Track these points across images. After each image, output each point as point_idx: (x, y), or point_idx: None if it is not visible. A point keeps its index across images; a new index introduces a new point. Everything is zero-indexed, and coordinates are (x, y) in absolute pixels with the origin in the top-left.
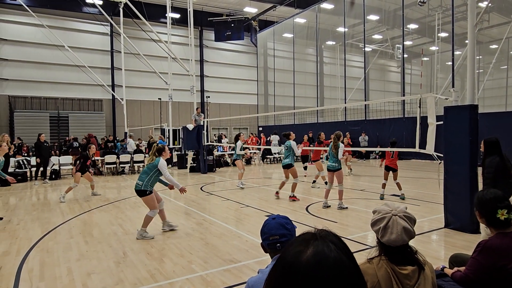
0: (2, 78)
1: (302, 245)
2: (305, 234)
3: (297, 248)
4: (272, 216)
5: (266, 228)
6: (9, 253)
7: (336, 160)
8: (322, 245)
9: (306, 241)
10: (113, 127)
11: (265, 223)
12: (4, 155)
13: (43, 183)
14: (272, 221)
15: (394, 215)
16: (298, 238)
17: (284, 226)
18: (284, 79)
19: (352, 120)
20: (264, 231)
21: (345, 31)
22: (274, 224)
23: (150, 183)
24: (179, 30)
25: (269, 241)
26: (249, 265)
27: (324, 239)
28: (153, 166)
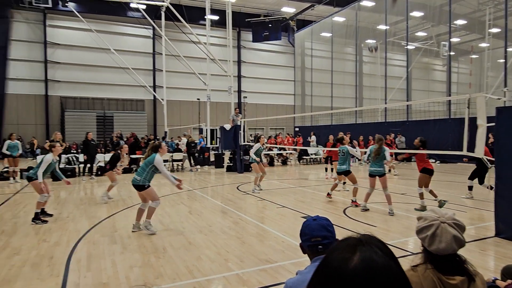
0: (55, 80)
1: (348, 251)
2: (349, 239)
3: (342, 254)
4: (313, 217)
5: (307, 229)
6: (59, 244)
7: (381, 165)
8: (369, 251)
9: (351, 247)
10: (154, 127)
11: (306, 224)
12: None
13: (90, 179)
14: (313, 222)
15: (442, 222)
16: (341, 243)
17: (326, 228)
18: (321, 79)
19: (392, 121)
20: (305, 232)
21: (386, 29)
22: (315, 225)
23: (147, 178)
24: (217, 31)
25: (310, 243)
26: (285, 266)
27: (370, 244)
28: (149, 162)
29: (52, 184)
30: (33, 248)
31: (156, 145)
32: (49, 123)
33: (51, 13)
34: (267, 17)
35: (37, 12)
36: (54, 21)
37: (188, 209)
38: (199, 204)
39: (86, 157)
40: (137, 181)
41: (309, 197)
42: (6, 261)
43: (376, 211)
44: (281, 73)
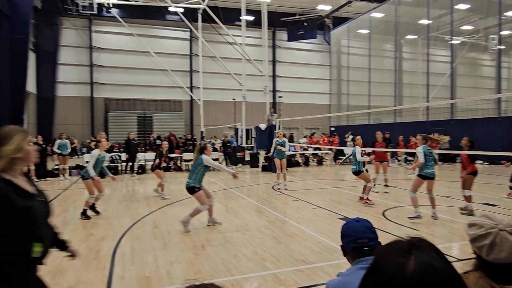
0: (100, 82)
1: (402, 256)
2: (398, 243)
3: (397, 259)
4: (355, 219)
5: (350, 230)
6: (105, 238)
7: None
8: (425, 255)
9: (404, 251)
10: (191, 127)
11: (348, 226)
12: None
13: (132, 177)
14: (356, 223)
15: (501, 230)
16: (391, 248)
17: (370, 229)
18: (358, 77)
19: (435, 120)
20: (348, 234)
21: (428, 24)
22: (359, 227)
23: (198, 179)
24: (252, 32)
25: (356, 244)
26: (322, 267)
27: (424, 248)
28: (197, 163)
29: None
30: (81, 241)
31: (202, 147)
32: (94, 123)
33: (96, 19)
34: (302, 16)
35: (84, 18)
36: (99, 26)
37: (224, 208)
38: (235, 202)
39: (128, 156)
40: (189, 183)
41: (346, 198)
42: (58, 252)
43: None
44: (317, 72)
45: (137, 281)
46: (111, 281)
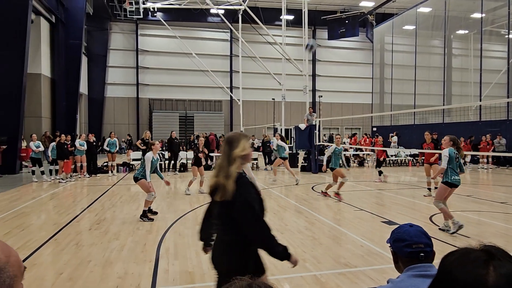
0: (145, 83)
1: (480, 266)
2: (472, 251)
3: (476, 270)
4: (408, 224)
5: (406, 235)
6: (150, 232)
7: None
8: (509, 265)
9: (482, 261)
10: (230, 126)
11: (403, 230)
12: (145, 149)
13: (174, 175)
14: (410, 228)
15: None
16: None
17: (426, 235)
18: (403, 76)
19: (488, 120)
20: (403, 238)
21: (482, 17)
22: (415, 231)
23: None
24: (292, 31)
25: (411, 249)
26: (365, 272)
27: (503, 257)
28: None
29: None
30: (129, 235)
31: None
32: (139, 122)
33: (142, 23)
34: (344, 13)
35: (131, 23)
36: (144, 30)
37: None
38: (274, 202)
39: (170, 154)
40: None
41: (389, 201)
42: (108, 244)
43: (469, 221)
44: (358, 71)
45: (181, 275)
46: (156, 274)
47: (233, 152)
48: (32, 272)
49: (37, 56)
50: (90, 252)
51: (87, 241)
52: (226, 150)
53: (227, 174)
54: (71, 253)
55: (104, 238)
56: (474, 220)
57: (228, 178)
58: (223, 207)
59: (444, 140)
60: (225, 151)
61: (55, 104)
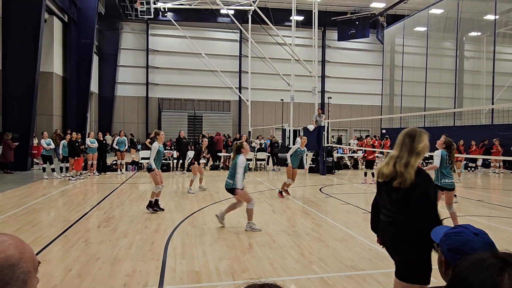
0: (154, 83)
1: (497, 274)
2: (485, 258)
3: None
4: (471, 230)
5: (468, 247)
6: (158, 231)
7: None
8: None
9: (498, 268)
10: (239, 126)
11: (465, 240)
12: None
13: (182, 174)
14: (476, 238)
15: None
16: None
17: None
18: (413, 78)
19: (501, 123)
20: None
21: (495, 19)
22: (481, 244)
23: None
24: (302, 32)
25: None
26: (373, 275)
27: None
28: (234, 164)
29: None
30: (137, 233)
31: (239, 146)
32: (148, 121)
33: (153, 23)
34: (354, 14)
35: (141, 23)
36: (155, 30)
37: (271, 208)
38: (281, 203)
39: (179, 153)
40: (230, 185)
41: None
42: (116, 242)
43: (479, 225)
44: (368, 72)
45: (188, 274)
46: (164, 273)
47: (417, 145)
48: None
49: (50, 55)
50: (98, 250)
51: (96, 238)
52: (407, 142)
53: (407, 163)
54: (80, 250)
55: (112, 236)
56: (484, 226)
57: (407, 167)
58: (399, 193)
59: (439, 141)
60: (406, 144)
61: (66, 102)
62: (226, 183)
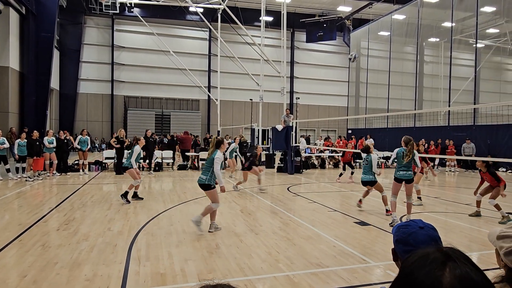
0: (120, 80)
1: (438, 268)
2: (431, 253)
3: (434, 271)
4: (418, 223)
5: (412, 238)
6: (122, 233)
7: (410, 169)
8: (463, 267)
9: (440, 262)
10: (208, 126)
11: (409, 232)
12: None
13: (149, 174)
14: (420, 230)
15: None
16: (424, 258)
17: (437, 241)
18: (377, 80)
19: (456, 125)
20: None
21: (452, 26)
22: (424, 236)
23: (213, 177)
24: (271, 32)
25: None
26: (337, 272)
27: (460, 260)
28: (211, 160)
29: (115, 177)
30: (99, 235)
31: (219, 141)
32: (114, 120)
33: (118, 18)
34: (322, 17)
35: (106, 17)
36: (121, 25)
37: (239, 208)
38: (250, 203)
39: (145, 153)
40: (203, 180)
41: (363, 202)
42: (76, 245)
43: (435, 221)
44: (335, 74)
45: (152, 277)
46: (126, 276)
47: None
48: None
49: (5, 49)
50: (57, 254)
51: (54, 242)
52: None
53: None
54: (36, 255)
55: (72, 239)
56: (441, 221)
57: None
58: None
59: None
60: None
61: (23, 99)
62: (199, 178)
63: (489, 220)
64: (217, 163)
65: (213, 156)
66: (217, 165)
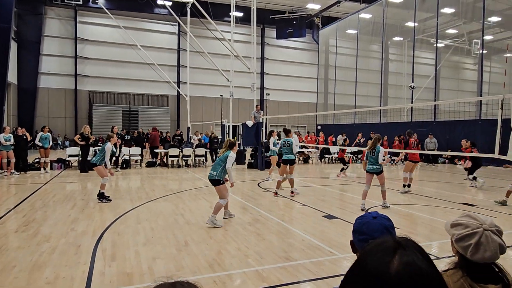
0: (84, 75)
1: (387, 254)
2: (386, 241)
3: (382, 258)
4: (372, 214)
5: (365, 227)
6: (86, 233)
7: (376, 163)
8: (411, 254)
9: (390, 250)
10: (177, 122)
11: (364, 222)
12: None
13: (116, 172)
14: (373, 220)
15: (485, 230)
16: (377, 246)
17: (388, 230)
18: (345, 77)
19: (418, 121)
20: (362, 231)
21: (415, 26)
22: (377, 225)
23: (223, 173)
24: (241, 28)
25: None
26: (305, 264)
27: (409, 248)
28: (224, 157)
29: (80, 175)
30: (62, 236)
31: (232, 143)
32: (78, 116)
33: (82, 10)
34: (291, 14)
35: (69, 8)
36: (84, 17)
37: (209, 204)
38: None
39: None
40: (213, 176)
41: (330, 196)
42: (36, 247)
43: (399, 213)
44: (304, 71)
45: (118, 277)
46: (91, 277)
47: None
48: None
49: None
50: (15, 257)
51: (13, 244)
52: None
53: None
54: None
55: (32, 241)
56: (404, 213)
57: None
58: None
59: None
60: None
61: None
62: (209, 174)
63: (447, 211)
64: (229, 161)
65: (226, 154)
66: (230, 163)
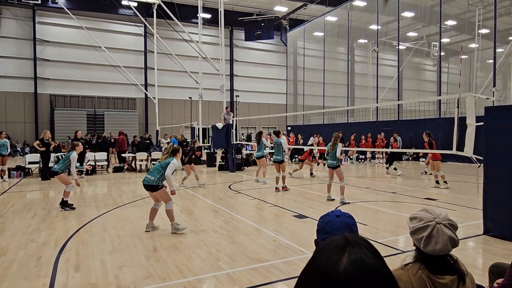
0: (44, 77)
1: (337, 253)
2: (336, 240)
3: (332, 256)
4: (336, 213)
5: (328, 226)
6: (48, 244)
7: (334, 159)
8: (359, 252)
9: (340, 248)
10: (146, 125)
11: (327, 221)
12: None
13: (80, 178)
14: (336, 219)
15: (438, 223)
16: (329, 245)
17: (351, 227)
18: (314, 78)
19: (384, 120)
20: (325, 230)
21: (378, 29)
22: (339, 223)
23: (161, 179)
24: (210, 30)
25: None
26: (276, 265)
27: (358, 245)
28: (165, 163)
29: (41, 183)
30: (20, 248)
31: (175, 149)
32: (38, 121)
33: (41, 9)
34: (259, 16)
35: (26, 8)
36: (44, 18)
37: (179, 208)
38: (190, 203)
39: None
40: (151, 181)
41: (301, 196)
42: None
43: (366, 210)
44: (274, 72)
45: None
46: None
47: None
48: None
49: None
50: None
51: None
52: None
53: None
54: None
55: None
56: (371, 210)
57: None
58: None
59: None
60: None
61: None
62: (145, 179)
63: (411, 206)
64: (170, 168)
65: (169, 160)
66: (170, 169)
